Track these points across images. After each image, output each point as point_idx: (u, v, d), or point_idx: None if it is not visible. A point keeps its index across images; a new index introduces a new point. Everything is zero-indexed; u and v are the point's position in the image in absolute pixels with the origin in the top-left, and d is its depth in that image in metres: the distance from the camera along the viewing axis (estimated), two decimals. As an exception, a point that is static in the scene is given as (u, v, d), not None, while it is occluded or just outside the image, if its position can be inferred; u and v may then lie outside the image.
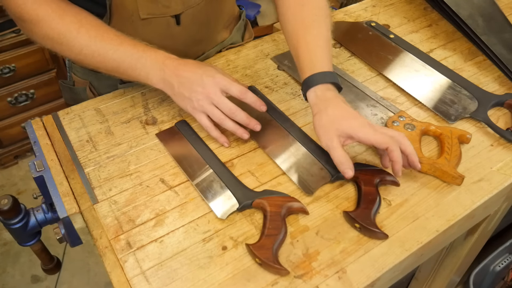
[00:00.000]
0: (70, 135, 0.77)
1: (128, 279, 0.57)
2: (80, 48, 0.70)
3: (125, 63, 0.70)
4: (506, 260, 1.25)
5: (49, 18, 0.69)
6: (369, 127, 0.64)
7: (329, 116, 0.66)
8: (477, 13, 0.97)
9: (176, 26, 0.82)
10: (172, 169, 0.71)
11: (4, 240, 1.80)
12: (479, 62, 0.92)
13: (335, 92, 0.69)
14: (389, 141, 0.63)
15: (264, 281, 0.57)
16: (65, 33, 0.70)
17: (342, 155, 0.64)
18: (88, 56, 0.71)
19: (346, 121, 0.65)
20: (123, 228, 0.63)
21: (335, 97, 0.68)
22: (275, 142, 0.75)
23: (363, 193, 0.65)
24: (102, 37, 0.70)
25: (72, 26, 0.70)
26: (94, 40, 0.70)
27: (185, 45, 0.88)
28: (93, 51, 0.70)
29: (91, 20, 0.72)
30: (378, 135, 0.63)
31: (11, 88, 1.83)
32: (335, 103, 0.67)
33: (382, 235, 0.60)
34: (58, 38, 0.70)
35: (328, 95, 0.68)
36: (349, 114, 0.66)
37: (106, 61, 0.71)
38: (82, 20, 0.71)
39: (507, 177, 0.69)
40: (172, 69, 0.69)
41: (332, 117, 0.66)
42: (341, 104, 0.67)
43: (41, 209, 0.68)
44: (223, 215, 0.64)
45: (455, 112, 0.80)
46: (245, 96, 0.69)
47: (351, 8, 1.09)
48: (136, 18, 0.77)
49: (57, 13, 0.69)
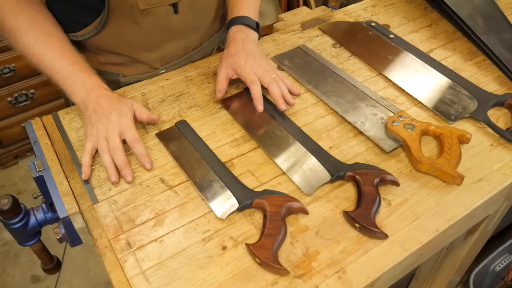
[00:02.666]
0: (70, 135, 0.77)
1: (128, 279, 0.57)
2: (23, 47, 0.75)
3: (58, 75, 0.75)
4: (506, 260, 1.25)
5: (4, 12, 0.74)
6: (245, 66, 0.78)
7: (228, 51, 0.82)
8: (477, 13, 0.97)
9: (174, 15, 0.84)
10: (172, 169, 0.71)
11: (4, 240, 1.80)
12: (479, 62, 0.92)
13: (244, 33, 0.83)
14: (251, 83, 0.77)
15: (264, 281, 0.57)
16: (14, 30, 0.75)
17: (219, 81, 0.80)
18: (29, 56, 0.76)
19: (235, 57, 0.80)
20: (123, 228, 0.63)
21: (241, 38, 0.82)
22: (275, 142, 0.75)
23: (363, 193, 0.65)
24: (47, 44, 0.75)
25: (23, 26, 0.74)
26: (38, 44, 0.74)
27: (183, 35, 0.90)
28: (34, 53, 0.75)
29: (45, 25, 0.76)
30: (247, 74, 0.78)
31: (11, 88, 1.83)
32: (238, 42, 0.81)
33: (382, 235, 0.60)
34: (8, 32, 0.75)
35: (237, 35, 0.83)
36: (239, 52, 0.80)
37: (43, 66, 0.75)
38: (35, 22, 0.75)
39: (507, 177, 0.69)
40: (94, 97, 0.73)
41: (229, 52, 0.81)
42: (239, 43, 0.81)
43: (41, 209, 0.68)
44: (223, 215, 0.64)
45: (455, 112, 0.80)
46: (134, 146, 0.70)
47: (351, 8, 1.09)
48: (135, 9, 0.79)
49: (13, 10, 0.74)
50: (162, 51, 0.90)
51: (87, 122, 0.72)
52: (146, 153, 0.71)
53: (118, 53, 0.88)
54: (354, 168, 0.68)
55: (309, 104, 0.82)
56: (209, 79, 0.88)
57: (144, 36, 0.84)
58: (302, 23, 1.03)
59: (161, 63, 0.92)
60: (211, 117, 0.80)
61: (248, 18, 0.85)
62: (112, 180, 0.68)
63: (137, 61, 0.89)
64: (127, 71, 0.90)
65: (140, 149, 0.71)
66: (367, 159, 0.72)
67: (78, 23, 0.83)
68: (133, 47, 0.87)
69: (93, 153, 0.71)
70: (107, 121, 0.70)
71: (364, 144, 0.75)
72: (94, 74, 0.76)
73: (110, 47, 0.87)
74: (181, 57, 0.94)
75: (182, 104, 0.83)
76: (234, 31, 0.84)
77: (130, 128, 0.71)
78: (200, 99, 0.84)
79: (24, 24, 0.74)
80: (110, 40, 0.85)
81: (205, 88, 0.86)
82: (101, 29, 0.82)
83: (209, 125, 0.79)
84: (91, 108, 0.72)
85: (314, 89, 0.85)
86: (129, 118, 0.72)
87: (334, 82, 0.86)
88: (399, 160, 0.72)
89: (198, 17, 0.90)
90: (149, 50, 0.88)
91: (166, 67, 0.92)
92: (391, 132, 0.74)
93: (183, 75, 0.89)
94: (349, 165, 0.69)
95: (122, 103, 0.73)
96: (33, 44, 0.74)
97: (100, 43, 0.86)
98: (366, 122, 0.78)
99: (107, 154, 0.69)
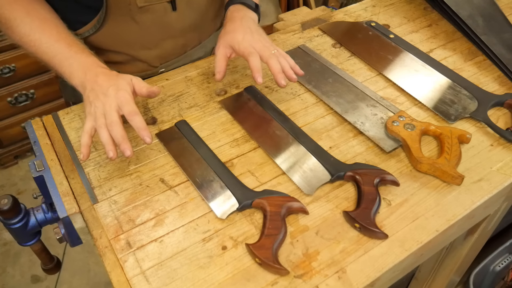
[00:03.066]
0: (70, 135, 0.77)
1: (128, 279, 0.57)
2: (20, 36, 0.74)
3: (55, 58, 0.73)
4: (506, 260, 1.25)
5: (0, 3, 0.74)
6: (243, 41, 0.76)
7: (225, 29, 0.80)
8: (477, 13, 0.97)
9: (173, 12, 0.84)
10: (172, 169, 0.71)
11: (4, 240, 1.80)
12: (479, 62, 0.92)
13: (244, 12, 0.82)
14: (249, 54, 0.75)
15: (264, 281, 0.57)
16: (10, 20, 0.74)
17: (218, 60, 0.78)
18: (26, 45, 0.75)
19: (231, 34, 0.78)
20: (123, 228, 0.63)
21: (239, 16, 0.81)
22: (275, 142, 0.75)
23: (363, 193, 0.65)
24: (43, 30, 0.74)
25: (18, 14, 0.74)
26: (34, 31, 0.74)
27: (182, 33, 0.90)
28: (30, 40, 0.74)
29: (40, 12, 0.76)
30: (242, 45, 0.76)
31: (11, 88, 1.83)
32: (236, 20, 0.80)
33: (382, 235, 0.60)
34: (4, 23, 0.75)
35: (235, 14, 0.81)
36: (237, 29, 0.78)
37: (40, 52, 0.74)
38: (30, 11, 0.75)
39: (507, 177, 0.69)
40: (92, 76, 0.71)
41: (225, 30, 0.80)
42: (237, 21, 0.80)
43: (41, 209, 0.68)
44: (223, 215, 0.64)
45: (455, 112, 0.80)
46: (132, 118, 0.67)
47: (351, 8, 1.09)
48: (133, 7, 0.79)
49: (8, 1, 0.74)
50: (161, 49, 0.90)
51: (86, 102, 0.70)
52: (145, 126, 0.67)
53: (117, 52, 0.88)
54: (354, 168, 0.68)
55: (309, 104, 0.82)
56: (209, 79, 0.88)
57: (143, 33, 0.84)
58: (302, 23, 1.03)
59: (160, 61, 0.92)
60: (211, 117, 0.80)
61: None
62: (110, 156, 0.65)
63: (136, 59, 0.89)
64: (127, 70, 0.90)
65: (139, 121, 0.67)
66: (367, 159, 0.72)
67: (76, 21, 0.83)
68: (132, 45, 0.87)
69: (93, 134, 0.68)
70: (105, 97, 0.68)
71: (364, 144, 0.75)
72: (91, 54, 0.75)
73: (109, 45, 0.87)
74: (181, 55, 0.94)
75: (182, 104, 0.83)
76: (232, 11, 0.83)
77: (128, 102, 0.68)
78: (200, 99, 0.84)
79: (19, 13, 0.74)
80: (109, 38, 0.85)
81: (205, 88, 0.86)
82: (99, 27, 0.82)
83: (209, 125, 0.79)
84: (89, 87, 0.70)
85: (314, 89, 0.85)
86: (127, 92, 0.69)
87: (334, 82, 0.86)
88: (399, 160, 0.72)
89: (196, 15, 0.90)
90: (148, 48, 0.88)
91: (166, 66, 0.92)
92: (391, 132, 0.74)
93: (183, 75, 0.89)
94: (349, 165, 0.69)
95: (120, 78, 0.71)
96: (29, 32, 0.74)
97: (99, 42, 0.86)
98: (366, 122, 0.78)
99: (105, 130, 0.66)
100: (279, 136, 0.76)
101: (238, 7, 0.83)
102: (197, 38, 0.95)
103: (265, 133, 0.76)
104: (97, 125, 0.67)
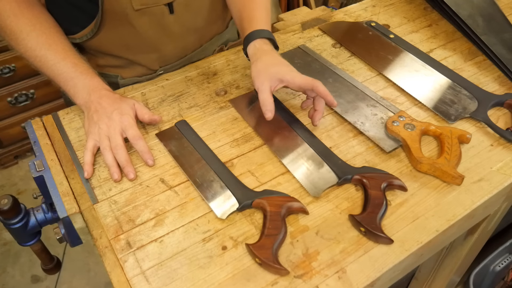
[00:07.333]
0: (70, 135, 0.77)
1: (128, 279, 0.57)
2: (25, 49, 0.76)
3: (60, 77, 0.75)
4: (506, 260, 1.25)
5: (5, 14, 0.74)
6: (296, 72, 0.75)
7: (263, 63, 0.76)
8: (477, 13, 0.97)
9: (170, 15, 0.83)
10: (172, 169, 0.71)
11: (4, 240, 1.80)
12: (479, 62, 0.92)
13: (271, 46, 0.80)
14: (313, 81, 0.73)
15: (264, 281, 0.57)
16: (16, 32, 0.75)
17: (267, 98, 0.73)
18: (31, 59, 0.76)
19: (277, 67, 0.75)
20: (123, 228, 0.63)
21: (270, 49, 0.79)
22: (283, 142, 0.74)
23: (369, 197, 0.64)
24: (49, 46, 0.75)
25: (24, 28, 0.75)
26: (40, 47, 0.75)
27: (181, 36, 0.89)
28: (36, 56, 0.75)
29: (46, 27, 0.77)
30: (303, 77, 0.74)
31: (11, 88, 1.83)
32: (270, 53, 0.78)
33: (387, 240, 0.60)
34: (9, 34, 0.76)
35: (264, 47, 0.78)
36: (281, 62, 0.76)
37: (45, 68, 0.76)
38: (36, 24, 0.76)
39: (507, 177, 0.69)
40: (96, 98, 0.73)
41: (265, 63, 0.76)
42: (274, 55, 0.78)
43: (41, 209, 0.68)
44: (223, 215, 0.64)
45: (455, 112, 0.80)
46: (136, 142, 0.71)
47: (351, 8, 1.09)
48: (130, 10, 0.79)
49: (13, 12, 0.74)
50: (160, 53, 0.89)
51: (89, 121, 0.73)
52: (148, 150, 0.72)
53: (116, 55, 0.87)
54: (361, 171, 0.68)
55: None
56: (209, 79, 0.88)
57: (141, 37, 0.84)
58: (302, 23, 1.03)
59: (160, 64, 0.91)
60: (211, 117, 0.80)
61: (268, 32, 0.80)
62: (115, 178, 0.69)
63: (135, 63, 0.89)
64: (126, 74, 0.90)
65: (142, 146, 0.71)
66: (367, 159, 0.72)
67: (75, 26, 0.82)
68: (130, 49, 0.86)
69: (95, 152, 0.72)
70: (109, 120, 0.71)
71: (364, 144, 0.75)
72: (95, 75, 0.77)
73: (108, 49, 0.86)
74: (181, 58, 0.93)
75: (182, 104, 0.83)
76: (261, 44, 0.79)
77: (132, 126, 0.72)
78: (200, 99, 0.84)
79: (25, 26, 0.75)
80: (108, 42, 0.84)
81: (205, 88, 0.86)
82: (97, 32, 0.82)
83: (209, 125, 0.79)
84: (93, 109, 0.72)
85: (314, 89, 0.85)
86: (131, 116, 0.73)
87: (334, 82, 0.86)
88: (399, 160, 0.72)
89: (195, 18, 0.89)
90: (146, 52, 0.88)
91: (165, 69, 0.91)
92: (391, 132, 0.74)
93: (183, 75, 0.89)
94: (357, 169, 0.69)
95: (124, 102, 0.74)
96: (35, 47, 0.75)
97: (98, 45, 0.86)
98: (366, 122, 0.78)
99: (109, 152, 0.70)
100: (287, 136, 0.75)
101: (265, 41, 0.80)
102: (197, 41, 0.94)
103: (274, 133, 0.76)
104: (101, 147, 0.71)
